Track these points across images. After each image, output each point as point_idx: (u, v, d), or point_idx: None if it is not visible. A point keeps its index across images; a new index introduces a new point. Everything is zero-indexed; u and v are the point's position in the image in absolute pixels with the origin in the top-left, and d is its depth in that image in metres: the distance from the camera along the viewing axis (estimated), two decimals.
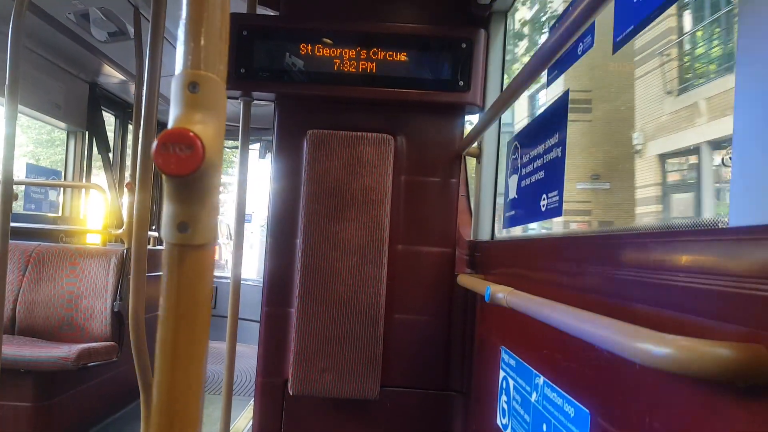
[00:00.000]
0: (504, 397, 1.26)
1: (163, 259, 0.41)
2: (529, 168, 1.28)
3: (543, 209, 1.16)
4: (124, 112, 3.90)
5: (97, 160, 3.66)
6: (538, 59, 0.96)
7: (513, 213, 1.41)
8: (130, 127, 3.84)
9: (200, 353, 0.41)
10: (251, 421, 1.78)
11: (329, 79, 1.66)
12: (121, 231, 2.95)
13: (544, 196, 1.16)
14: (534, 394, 1.05)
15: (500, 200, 1.60)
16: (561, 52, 0.88)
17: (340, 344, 1.66)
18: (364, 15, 1.73)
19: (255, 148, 4.43)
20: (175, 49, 0.41)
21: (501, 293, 1.08)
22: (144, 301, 1.17)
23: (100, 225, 3.37)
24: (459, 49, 1.65)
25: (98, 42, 2.82)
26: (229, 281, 1.68)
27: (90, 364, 2.30)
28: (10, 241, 1.49)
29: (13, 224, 1.52)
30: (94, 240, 3.47)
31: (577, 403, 0.85)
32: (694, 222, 0.76)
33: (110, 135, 3.81)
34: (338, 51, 1.66)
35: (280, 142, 1.76)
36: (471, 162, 1.87)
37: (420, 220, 1.74)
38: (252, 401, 1.87)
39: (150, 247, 2.21)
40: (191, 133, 0.37)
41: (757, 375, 0.46)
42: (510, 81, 1.17)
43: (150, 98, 1.22)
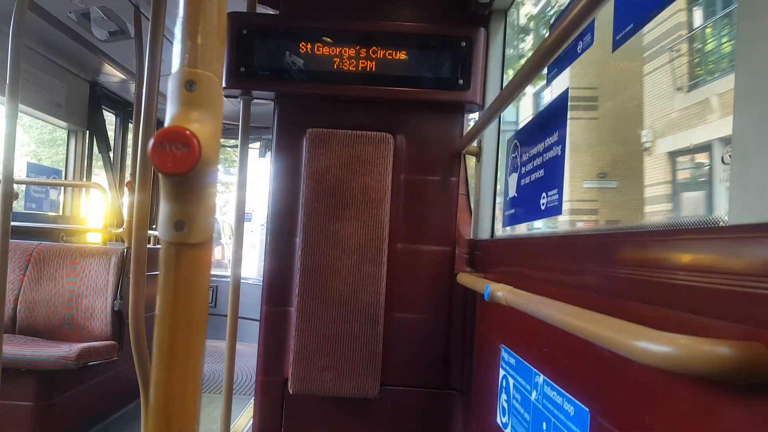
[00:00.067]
0: (504, 396, 1.26)
1: (160, 258, 0.41)
2: (529, 166, 1.28)
3: (543, 208, 1.16)
4: (125, 111, 3.90)
5: (98, 159, 3.66)
6: (537, 57, 0.96)
7: (513, 211, 1.41)
8: (131, 126, 3.85)
9: (197, 352, 0.41)
10: (251, 420, 1.79)
11: (329, 77, 1.66)
12: (121, 230, 2.95)
13: (543, 194, 1.16)
14: (534, 393, 1.05)
15: (500, 199, 1.60)
16: (560, 50, 0.88)
17: (339, 343, 1.66)
18: (363, 14, 1.73)
19: (255, 147, 4.43)
20: None
21: (500, 292, 1.08)
22: (144, 300, 1.17)
23: (100, 224, 3.37)
24: (459, 47, 1.65)
25: (99, 41, 2.82)
26: (229, 280, 1.68)
27: (90, 363, 2.30)
28: (11, 240, 1.49)
29: (13, 223, 1.52)
30: (94, 239, 3.47)
31: (577, 401, 0.85)
32: (693, 220, 0.75)
33: (111, 134, 3.81)
34: (338, 50, 1.66)
35: (280, 140, 1.76)
36: (471, 160, 1.87)
37: (420, 219, 1.74)
38: (252, 400, 1.87)
39: (150, 246, 2.22)
40: (188, 132, 0.37)
41: (757, 373, 0.46)
42: (510, 79, 1.16)
43: (150, 97, 1.21)
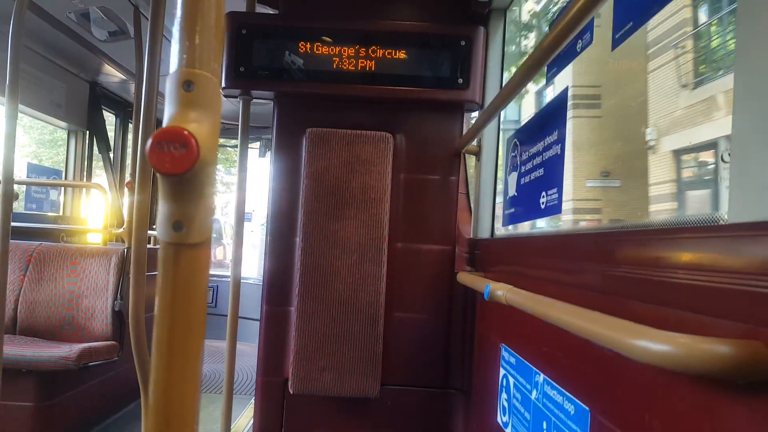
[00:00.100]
0: (504, 395, 1.26)
1: (158, 258, 0.41)
2: (529, 165, 1.28)
3: (542, 206, 1.15)
4: (125, 111, 3.90)
5: (98, 160, 3.66)
6: (537, 56, 0.95)
7: (513, 210, 1.41)
8: (131, 126, 3.85)
9: (196, 352, 0.41)
10: (252, 420, 1.79)
11: (328, 77, 1.66)
12: (121, 230, 2.95)
13: (543, 193, 1.16)
14: (534, 392, 1.05)
15: (500, 198, 1.60)
16: (560, 49, 0.88)
17: (340, 343, 1.66)
18: (363, 13, 1.73)
19: (255, 147, 4.43)
20: None
21: (500, 291, 1.08)
22: (144, 300, 1.17)
23: (100, 224, 3.37)
24: (458, 46, 1.65)
25: (98, 41, 2.82)
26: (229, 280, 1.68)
27: (91, 364, 2.31)
28: (11, 240, 1.49)
29: (14, 224, 1.52)
30: (95, 239, 3.47)
31: (577, 400, 0.85)
32: (692, 218, 0.75)
33: (111, 134, 3.81)
34: (337, 49, 1.65)
35: (280, 140, 1.76)
36: (471, 159, 1.87)
37: (419, 218, 1.74)
38: (253, 400, 1.87)
39: (150, 246, 2.22)
40: (185, 132, 0.37)
41: (757, 372, 0.46)
42: (509, 78, 1.16)
43: (149, 97, 1.21)
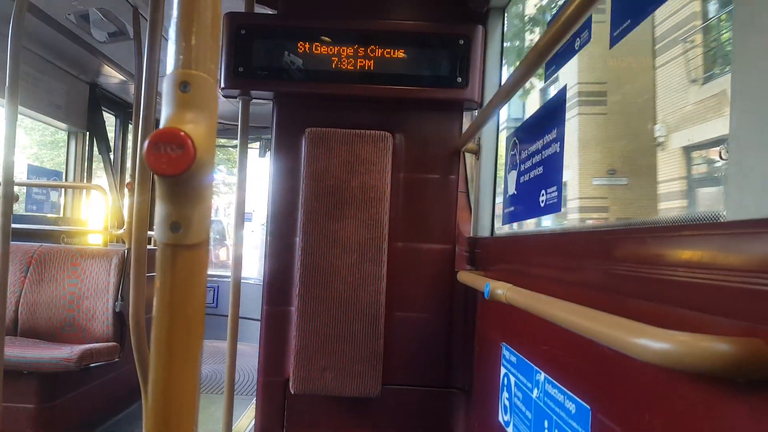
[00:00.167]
0: (505, 394, 1.26)
1: (156, 260, 0.41)
2: (528, 164, 1.28)
3: (542, 205, 1.15)
4: (125, 112, 3.90)
5: (98, 161, 3.66)
6: (535, 54, 0.95)
7: (512, 209, 1.41)
8: (131, 127, 3.85)
9: (195, 352, 0.41)
10: (253, 421, 1.79)
11: (327, 77, 1.66)
12: (122, 231, 2.95)
13: (543, 191, 1.16)
14: (535, 391, 1.05)
15: (500, 198, 1.60)
16: (558, 47, 0.87)
17: (340, 343, 1.66)
18: (361, 12, 1.73)
19: (255, 147, 4.43)
20: None
21: (500, 290, 1.08)
22: (144, 301, 1.17)
23: (101, 225, 3.37)
24: (456, 45, 1.64)
25: (98, 42, 2.82)
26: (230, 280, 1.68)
27: (92, 365, 2.31)
28: (12, 242, 1.49)
29: (14, 225, 1.52)
30: (95, 240, 3.47)
31: (579, 399, 0.85)
32: (692, 216, 0.75)
33: (111, 135, 3.81)
34: (336, 49, 1.65)
35: (279, 140, 1.76)
36: (470, 158, 1.86)
37: (419, 217, 1.74)
38: (254, 400, 1.87)
39: (151, 247, 2.21)
40: (182, 133, 0.37)
41: (757, 370, 0.46)
42: (508, 76, 1.16)
43: (149, 98, 1.21)
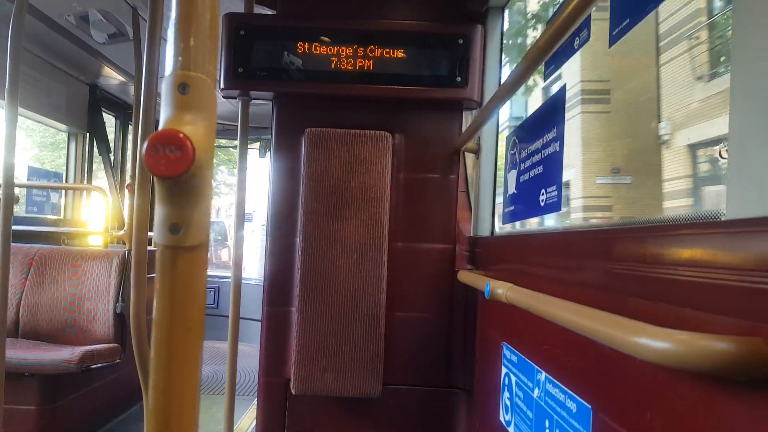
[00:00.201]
0: (506, 394, 1.26)
1: (156, 262, 0.40)
2: (528, 163, 1.28)
3: (542, 204, 1.15)
4: (125, 113, 3.91)
5: (99, 162, 3.66)
6: (534, 54, 0.95)
7: (512, 208, 1.41)
8: (131, 128, 3.85)
9: (195, 353, 0.41)
10: (254, 421, 1.79)
11: (327, 77, 1.66)
12: (122, 232, 2.95)
13: (543, 191, 1.16)
14: (536, 390, 1.05)
15: (500, 198, 1.60)
16: (557, 46, 0.87)
17: (341, 343, 1.66)
18: (360, 13, 1.73)
19: (255, 147, 4.44)
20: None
21: (501, 289, 1.08)
22: (145, 303, 1.17)
23: (101, 227, 3.37)
24: (456, 45, 1.64)
25: (98, 44, 2.82)
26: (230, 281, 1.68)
27: (93, 366, 2.31)
28: (13, 244, 1.49)
29: (15, 227, 1.52)
30: (96, 242, 3.47)
31: (580, 398, 0.85)
32: (691, 215, 0.75)
33: (111, 136, 3.81)
34: (335, 49, 1.65)
35: (279, 140, 1.76)
36: (470, 158, 1.86)
37: (419, 217, 1.74)
38: (255, 401, 1.87)
39: (151, 248, 2.22)
40: (181, 135, 0.37)
41: (757, 368, 0.46)
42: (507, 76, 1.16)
43: (149, 99, 1.21)
